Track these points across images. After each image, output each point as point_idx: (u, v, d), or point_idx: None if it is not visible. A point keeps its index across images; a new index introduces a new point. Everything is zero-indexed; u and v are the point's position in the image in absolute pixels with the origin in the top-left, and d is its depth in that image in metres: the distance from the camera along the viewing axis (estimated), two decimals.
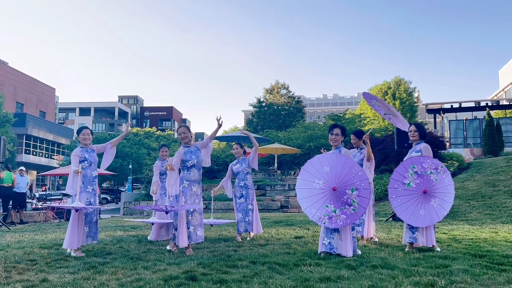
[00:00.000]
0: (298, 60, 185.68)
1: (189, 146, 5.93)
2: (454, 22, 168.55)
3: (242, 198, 7.22)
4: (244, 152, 7.53)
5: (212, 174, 19.68)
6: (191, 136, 6.05)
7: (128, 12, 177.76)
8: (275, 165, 26.29)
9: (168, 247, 5.99)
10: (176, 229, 5.72)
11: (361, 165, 6.44)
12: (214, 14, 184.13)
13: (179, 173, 5.89)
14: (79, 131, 6.16)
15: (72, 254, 5.67)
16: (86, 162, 5.95)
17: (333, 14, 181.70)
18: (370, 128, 7.34)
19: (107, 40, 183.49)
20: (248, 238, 7.08)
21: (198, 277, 4.15)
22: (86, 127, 6.19)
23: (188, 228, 5.70)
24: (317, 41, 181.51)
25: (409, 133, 5.95)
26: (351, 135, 6.89)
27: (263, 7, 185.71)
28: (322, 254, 5.24)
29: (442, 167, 5.56)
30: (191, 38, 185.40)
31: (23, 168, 14.63)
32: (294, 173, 32.34)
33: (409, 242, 5.57)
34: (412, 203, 5.47)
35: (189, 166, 5.84)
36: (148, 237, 7.21)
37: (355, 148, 6.83)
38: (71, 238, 5.68)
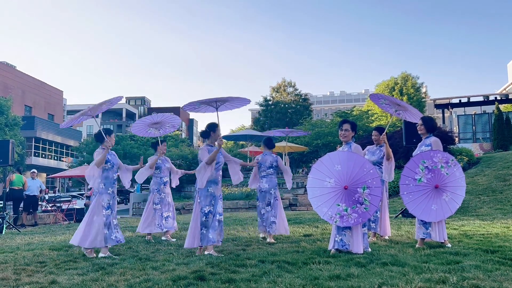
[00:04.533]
0: (304, 58, 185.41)
1: (211, 146, 5.84)
2: (461, 16, 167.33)
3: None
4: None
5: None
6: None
7: (134, 13, 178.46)
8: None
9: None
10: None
11: (381, 163, 6.38)
12: (219, 13, 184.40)
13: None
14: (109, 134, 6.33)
15: (83, 250, 5.79)
16: (109, 163, 6.04)
17: (338, 10, 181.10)
18: (386, 125, 7.26)
19: (113, 41, 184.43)
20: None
21: (206, 277, 4.13)
22: (113, 131, 6.48)
23: (201, 229, 5.60)
24: (323, 38, 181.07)
25: (417, 127, 5.92)
26: (373, 131, 6.81)
27: (268, 5, 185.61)
28: (332, 251, 5.21)
29: (452, 160, 5.50)
30: (197, 38, 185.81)
31: (34, 170, 14.69)
32: (302, 171, 32.25)
33: (422, 238, 5.52)
34: (424, 199, 5.42)
35: None
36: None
37: (374, 144, 6.75)
38: (92, 236, 5.74)
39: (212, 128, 5.87)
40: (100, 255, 5.77)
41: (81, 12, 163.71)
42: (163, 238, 7.37)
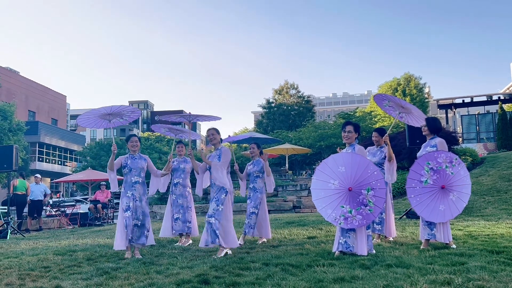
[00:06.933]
0: (306, 59, 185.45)
1: (217, 149, 6.08)
2: (464, 16, 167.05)
3: (249, 200, 7.06)
4: (261, 153, 7.27)
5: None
6: (220, 139, 6.16)
7: (136, 18, 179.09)
8: (286, 165, 26.24)
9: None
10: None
11: (382, 164, 6.36)
12: (221, 16, 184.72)
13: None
14: (127, 139, 6.42)
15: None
16: (126, 168, 6.22)
17: (340, 12, 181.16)
18: (388, 126, 7.25)
19: (116, 46, 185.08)
20: (259, 242, 6.85)
21: (210, 280, 4.13)
22: (134, 135, 6.47)
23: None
24: (325, 40, 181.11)
25: (422, 128, 5.91)
26: (374, 132, 6.78)
27: (270, 7, 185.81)
28: (336, 253, 5.19)
29: (456, 159, 5.48)
30: (199, 41, 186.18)
31: (38, 175, 14.69)
32: (305, 173, 32.21)
33: (427, 239, 5.50)
34: (431, 200, 5.40)
35: None
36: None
37: (375, 146, 6.72)
38: (116, 240, 6.05)
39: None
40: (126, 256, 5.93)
41: (84, 17, 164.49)
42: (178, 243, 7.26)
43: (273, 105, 48.20)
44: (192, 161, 6.31)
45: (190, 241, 7.22)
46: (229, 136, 7.69)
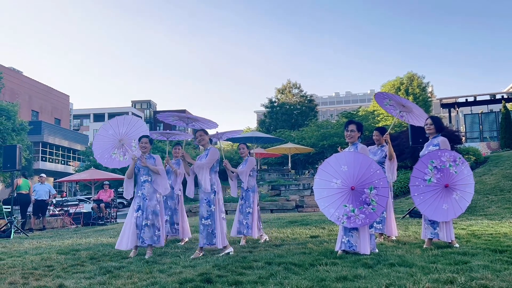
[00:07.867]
0: (309, 59, 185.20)
1: (206, 149, 6.05)
2: (467, 15, 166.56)
3: (242, 200, 7.08)
4: (250, 153, 7.33)
5: (225, 175, 19.63)
6: (208, 139, 6.15)
7: (139, 18, 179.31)
8: (289, 164, 26.24)
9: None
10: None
11: (383, 163, 6.36)
12: (224, 15, 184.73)
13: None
14: (139, 139, 6.41)
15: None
16: (135, 168, 6.26)
17: (343, 11, 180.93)
18: (390, 125, 7.22)
19: (119, 46, 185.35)
20: (241, 243, 6.70)
21: (213, 279, 4.13)
22: (146, 136, 6.43)
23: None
24: (328, 39, 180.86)
25: (425, 127, 5.86)
26: (374, 131, 6.78)
27: (272, 6, 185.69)
28: (339, 252, 5.19)
29: (460, 158, 5.46)
30: (202, 40, 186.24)
31: (43, 175, 14.69)
32: (308, 172, 32.19)
33: (429, 238, 5.49)
34: (435, 199, 5.38)
35: None
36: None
37: (376, 145, 6.72)
38: (119, 238, 6.07)
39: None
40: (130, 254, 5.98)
41: (86, 16, 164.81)
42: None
43: (275, 104, 48.19)
44: (183, 163, 6.28)
45: (186, 240, 7.33)
46: (217, 132, 7.68)
